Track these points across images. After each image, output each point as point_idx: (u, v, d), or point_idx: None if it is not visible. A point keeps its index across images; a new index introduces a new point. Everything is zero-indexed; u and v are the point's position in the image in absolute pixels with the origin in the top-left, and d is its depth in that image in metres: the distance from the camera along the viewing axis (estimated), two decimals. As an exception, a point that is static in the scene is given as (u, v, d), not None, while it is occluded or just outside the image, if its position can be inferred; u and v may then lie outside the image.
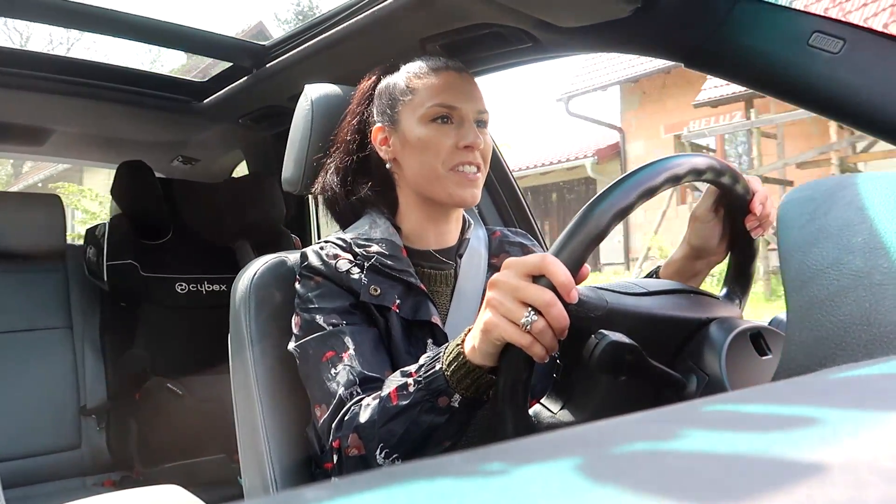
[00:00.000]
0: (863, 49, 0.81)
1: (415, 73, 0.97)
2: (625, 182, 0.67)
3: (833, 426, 0.22)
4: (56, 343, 2.06)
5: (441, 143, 0.93)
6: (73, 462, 2.00)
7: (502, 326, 0.64)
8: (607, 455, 0.21)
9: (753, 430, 0.22)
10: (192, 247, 2.28)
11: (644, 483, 0.17)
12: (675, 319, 0.78)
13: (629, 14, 0.99)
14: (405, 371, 0.79)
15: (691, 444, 0.22)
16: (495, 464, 0.20)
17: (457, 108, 0.94)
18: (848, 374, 0.35)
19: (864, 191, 0.50)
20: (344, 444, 0.81)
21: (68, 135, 2.23)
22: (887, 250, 0.45)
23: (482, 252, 1.03)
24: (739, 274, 0.90)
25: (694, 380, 0.74)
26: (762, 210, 0.82)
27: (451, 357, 0.72)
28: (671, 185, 0.70)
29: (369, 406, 0.79)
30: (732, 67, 0.95)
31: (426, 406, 0.74)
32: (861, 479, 0.17)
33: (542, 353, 0.64)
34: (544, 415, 0.82)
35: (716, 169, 0.76)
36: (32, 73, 1.75)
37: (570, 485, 0.17)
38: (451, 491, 0.18)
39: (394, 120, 0.97)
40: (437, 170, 0.93)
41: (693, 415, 0.28)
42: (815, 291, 0.47)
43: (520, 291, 0.64)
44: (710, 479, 0.17)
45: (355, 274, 0.92)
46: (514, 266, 0.66)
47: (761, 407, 0.28)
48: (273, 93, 1.77)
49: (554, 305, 0.63)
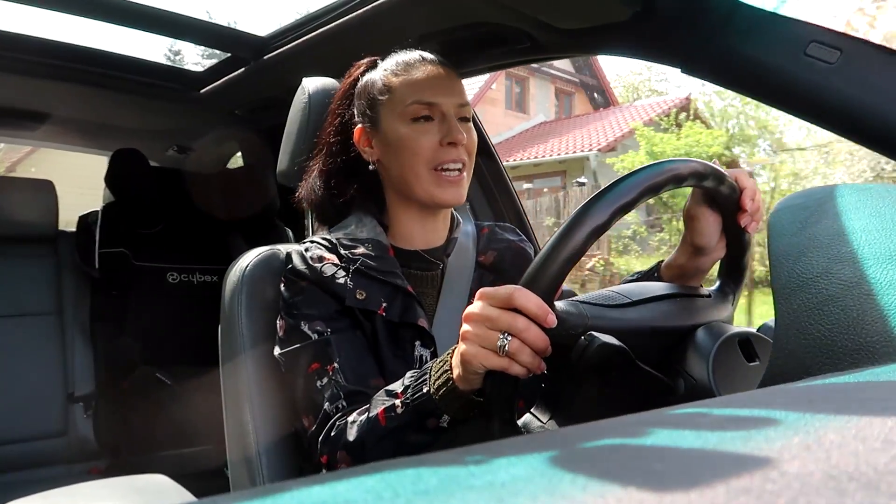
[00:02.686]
0: (859, 60, 0.82)
1: (391, 71, 0.95)
2: (602, 198, 0.65)
3: (816, 433, 0.22)
4: (45, 329, 2.05)
5: (422, 142, 0.90)
6: (59, 449, 1.99)
7: (480, 356, 0.65)
8: (580, 451, 0.21)
9: (736, 437, 0.23)
10: (185, 237, 2.28)
11: (624, 481, 0.17)
12: (659, 330, 0.77)
13: (628, 18, 1.00)
14: (391, 391, 0.79)
15: (670, 445, 0.22)
16: (478, 457, 0.20)
17: (436, 103, 0.91)
18: (833, 381, 0.35)
19: (854, 201, 0.51)
20: (333, 460, 0.81)
21: (63, 120, 2.22)
22: (875, 261, 0.45)
23: (470, 250, 1.02)
24: (732, 268, 0.89)
25: (681, 384, 0.74)
26: (752, 205, 0.81)
27: (440, 382, 0.72)
28: (651, 195, 0.68)
29: (356, 423, 0.79)
30: (728, 74, 0.96)
31: (414, 426, 0.74)
32: (843, 486, 0.17)
33: (524, 371, 0.64)
34: (533, 424, 0.81)
35: (698, 173, 0.74)
36: (28, 58, 1.73)
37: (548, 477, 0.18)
38: (436, 483, 0.18)
39: (374, 121, 0.94)
40: (418, 170, 0.90)
41: (676, 419, 0.28)
42: (803, 299, 0.47)
43: (492, 321, 0.64)
44: (692, 483, 0.18)
45: (340, 278, 0.91)
46: (486, 297, 0.66)
47: (745, 412, 0.29)
48: (270, 85, 1.77)
49: (528, 330, 0.63)
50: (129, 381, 2.04)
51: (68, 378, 2.05)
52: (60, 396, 2.03)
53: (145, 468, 1.33)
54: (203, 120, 2.17)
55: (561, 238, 0.64)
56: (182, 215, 2.28)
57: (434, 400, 0.72)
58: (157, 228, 2.25)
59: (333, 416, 0.83)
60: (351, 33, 1.35)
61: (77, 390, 2.05)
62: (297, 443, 0.97)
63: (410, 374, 0.78)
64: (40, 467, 1.95)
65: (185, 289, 2.21)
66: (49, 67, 1.78)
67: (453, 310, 0.96)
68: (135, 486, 1.09)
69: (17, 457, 1.91)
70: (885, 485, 0.17)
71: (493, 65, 1.36)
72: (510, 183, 1.66)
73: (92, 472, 2.02)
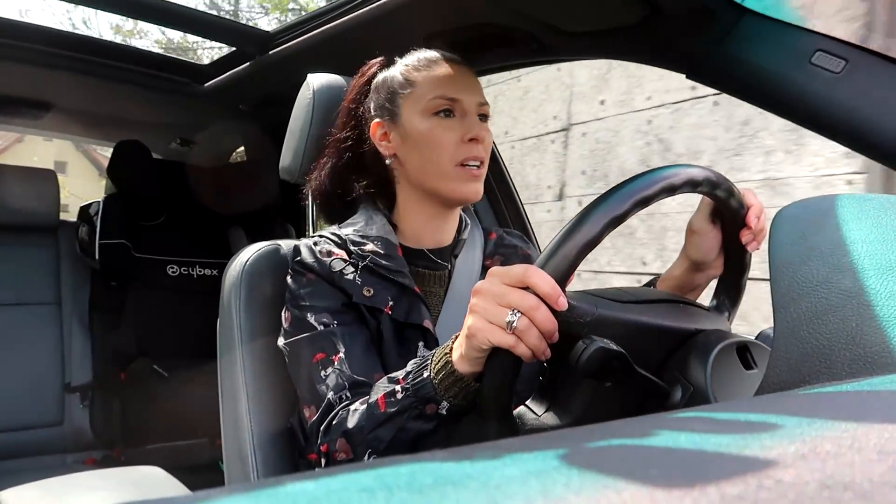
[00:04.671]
0: (864, 70, 0.82)
1: (413, 66, 0.95)
2: (620, 190, 0.67)
3: (812, 442, 0.22)
4: (44, 319, 2.05)
5: (445, 137, 0.90)
6: (54, 439, 1.99)
7: (486, 330, 0.64)
8: (575, 453, 0.21)
9: (732, 443, 0.23)
10: (186, 230, 2.28)
11: (619, 485, 0.17)
12: (663, 329, 0.78)
13: (635, 22, 1.00)
14: (392, 377, 0.79)
15: (665, 450, 0.22)
16: (476, 456, 0.20)
17: (458, 99, 0.92)
18: (830, 390, 0.35)
19: (855, 211, 0.51)
20: (332, 448, 0.81)
21: (67, 111, 2.22)
22: (876, 271, 0.45)
23: (477, 253, 1.03)
24: (730, 287, 0.90)
25: (679, 390, 0.74)
26: (757, 224, 0.81)
27: (440, 365, 0.72)
28: (666, 195, 0.69)
29: (357, 411, 0.79)
30: (733, 81, 0.96)
31: (414, 413, 0.74)
32: (838, 496, 0.17)
33: (528, 353, 0.63)
34: (528, 417, 0.82)
35: (712, 181, 0.75)
36: (34, 47, 1.73)
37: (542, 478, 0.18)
38: (430, 482, 0.18)
39: (393, 114, 0.95)
40: (442, 165, 0.91)
41: (672, 423, 0.28)
42: (803, 308, 0.47)
43: (503, 297, 0.63)
44: (686, 487, 0.18)
45: (349, 274, 0.91)
46: (498, 275, 0.65)
47: (742, 419, 0.29)
48: (275, 80, 1.77)
49: (538, 309, 0.62)
50: (126, 372, 2.04)
51: (66, 368, 2.05)
52: (57, 386, 2.03)
53: (141, 460, 1.34)
54: (207, 114, 2.17)
55: (578, 223, 0.65)
56: (184, 208, 2.29)
57: (433, 384, 0.72)
58: (158, 221, 2.25)
59: (337, 406, 0.82)
60: (356, 31, 1.35)
61: (74, 380, 2.05)
62: (291, 438, 0.97)
63: (414, 360, 0.78)
64: (36, 456, 1.95)
65: (185, 282, 2.22)
66: (54, 57, 1.78)
67: (459, 311, 0.95)
68: (129, 478, 1.10)
69: (12, 445, 1.91)
70: (880, 496, 0.17)
71: (499, 65, 1.36)
72: (514, 188, 1.66)
73: (87, 462, 2.02)
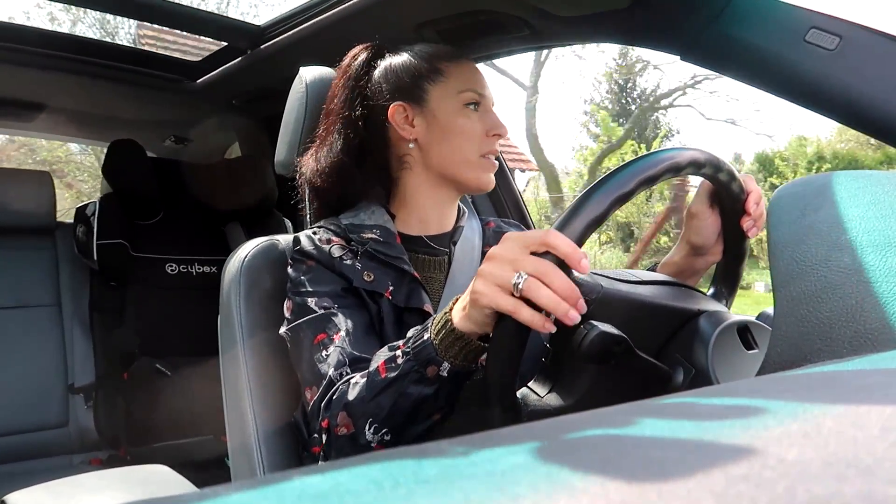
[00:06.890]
0: (859, 46, 0.81)
1: (437, 56, 0.97)
2: (626, 169, 0.67)
3: (815, 421, 0.22)
4: (44, 321, 2.05)
5: (475, 129, 0.94)
6: (60, 440, 2.00)
7: (490, 293, 0.63)
8: (580, 439, 0.21)
9: (734, 424, 0.23)
10: (183, 227, 2.28)
11: (624, 469, 0.17)
12: (666, 308, 0.79)
13: (627, 5, 0.99)
14: (393, 345, 0.79)
15: (669, 433, 0.22)
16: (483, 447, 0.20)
17: (484, 95, 0.96)
18: (831, 368, 0.35)
19: (853, 188, 0.51)
20: (333, 424, 0.80)
21: (59, 111, 2.21)
22: (874, 248, 0.45)
23: (476, 241, 1.03)
24: (727, 273, 0.90)
25: (680, 372, 0.75)
26: (756, 209, 0.82)
27: (439, 326, 0.72)
28: (671, 175, 0.70)
29: (357, 384, 0.78)
30: (727, 61, 0.95)
31: (414, 377, 0.73)
32: (841, 473, 0.17)
33: (530, 319, 0.62)
34: (531, 398, 0.82)
35: (714, 164, 0.76)
36: (23, 48, 1.72)
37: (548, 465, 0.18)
38: (436, 472, 0.18)
39: (420, 99, 0.95)
40: (468, 154, 0.94)
41: (675, 407, 0.28)
42: (803, 287, 0.47)
43: (517, 263, 0.62)
44: (690, 470, 0.18)
45: (348, 260, 0.91)
46: (514, 239, 0.64)
47: (744, 400, 0.29)
48: (267, 74, 1.76)
49: (555, 272, 0.61)
50: (128, 372, 2.04)
51: (68, 369, 2.05)
52: (61, 388, 2.03)
53: (146, 459, 1.34)
54: (200, 110, 2.17)
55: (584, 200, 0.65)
56: (180, 206, 2.28)
57: (434, 345, 0.72)
58: (155, 219, 2.25)
59: (337, 382, 0.82)
60: (348, 22, 1.34)
61: (77, 381, 2.05)
62: (296, 432, 0.97)
63: (414, 328, 0.78)
64: (42, 458, 1.95)
65: (184, 280, 2.21)
66: (45, 57, 1.77)
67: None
68: (136, 477, 1.10)
69: (18, 448, 1.92)
70: (882, 472, 0.17)
71: (490, 53, 1.36)
72: (512, 178, 1.66)
73: (93, 462, 2.02)
